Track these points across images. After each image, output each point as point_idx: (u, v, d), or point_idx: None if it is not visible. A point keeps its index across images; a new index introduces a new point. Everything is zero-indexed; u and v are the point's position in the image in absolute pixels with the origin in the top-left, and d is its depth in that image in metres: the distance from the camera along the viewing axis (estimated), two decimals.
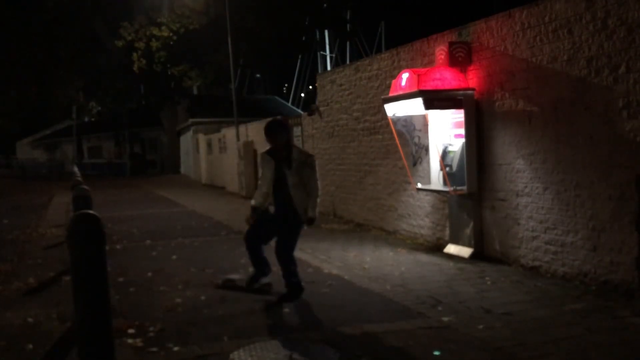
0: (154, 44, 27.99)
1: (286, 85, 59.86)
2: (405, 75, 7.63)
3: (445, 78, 7.31)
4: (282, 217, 5.87)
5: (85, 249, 3.48)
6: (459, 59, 7.42)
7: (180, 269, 7.45)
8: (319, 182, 5.90)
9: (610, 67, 5.52)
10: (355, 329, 4.81)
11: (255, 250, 6.05)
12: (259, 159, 6.09)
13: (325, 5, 28.93)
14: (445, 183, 7.61)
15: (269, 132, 5.83)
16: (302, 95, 55.76)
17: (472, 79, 7.42)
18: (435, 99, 7.24)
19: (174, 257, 8.29)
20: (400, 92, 7.68)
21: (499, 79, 7.00)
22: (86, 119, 53.16)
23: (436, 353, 4.22)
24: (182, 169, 33.79)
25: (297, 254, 8.13)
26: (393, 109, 8.11)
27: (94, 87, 39.37)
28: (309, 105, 13.86)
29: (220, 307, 5.61)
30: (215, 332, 4.82)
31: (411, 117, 8.25)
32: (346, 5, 30.85)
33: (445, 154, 7.77)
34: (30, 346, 4.63)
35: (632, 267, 5.38)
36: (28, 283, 6.89)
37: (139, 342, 4.63)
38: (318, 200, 5.86)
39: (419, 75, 7.28)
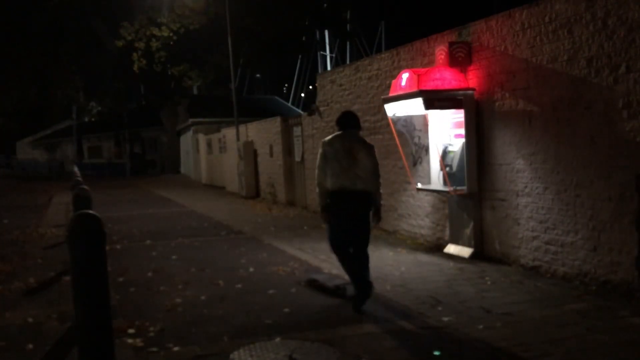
0: (154, 44, 27.97)
1: (286, 85, 59.89)
2: (405, 75, 7.63)
3: (445, 78, 7.31)
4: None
5: (85, 249, 3.48)
6: (459, 59, 7.42)
7: (180, 269, 7.45)
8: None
9: (610, 67, 5.52)
10: (355, 329, 4.81)
11: None
12: (375, 150, 5.73)
13: (325, 5, 28.93)
14: (445, 183, 7.60)
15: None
16: (302, 95, 55.77)
17: (472, 79, 7.41)
18: (435, 99, 7.24)
19: (174, 257, 8.29)
20: (400, 92, 7.68)
21: (499, 79, 7.00)
22: (86, 119, 53.19)
23: (436, 353, 4.22)
24: (182, 169, 33.80)
25: (297, 253, 8.19)
26: (393, 109, 8.11)
27: (94, 87, 39.42)
28: (309, 105, 13.86)
29: (220, 307, 5.61)
30: (215, 332, 4.81)
31: (411, 117, 8.25)
32: (346, 5, 30.84)
33: (445, 154, 7.77)
34: (30, 346, 4.62)
35: (632, 267, 5.38)
36: (28, 283, 6.89)
37: (139, 342, 4.63)
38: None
39: (419, 75, 7.28)
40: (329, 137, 5.68)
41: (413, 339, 4.56)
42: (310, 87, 51.74)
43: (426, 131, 8.19)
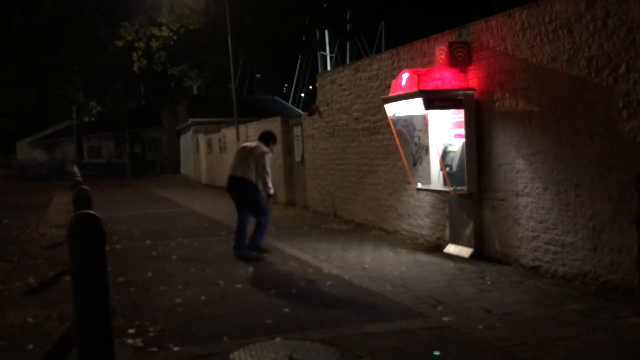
0: (154, 44, 27.99)
1: (286, 85, 59.98)
2: (405, 75, 7.63)
3: (445, 78, 7.31)
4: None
5: (85, 249, 3.47)
6: (459, 59, 7.42)
7: (180, 269, 7.45)
8: None
9: (610, 67, 5.52)
10: (355, 329, 4.81)
11: None
12: (267, 158, 8.05)
13: (325, 5, 28.96)
14: (445, 183, 7.60)
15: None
16: (302, 95, 55.82)
17: (472, 79, 7.41)
18: (435, 99, 7.24)
19: (174, 257, 8.29)
20: (400, 92, 7.68)
21: (499, 79, 7.00)
22: (86, 119, 53.20)
23: (436, 353, 4.22)
24: (182, 169, 33.78)
25: (297, 253, 8.19)
26: (393, 109, 8.11)
27: (94, 87, 39.45)
28: (309, 105, 13.86)
29: (220, 307, 5.61)
30: (215, 332, 4.81)
31: (411, 117, 8.25)
32: (346, 5, 30.88)
33: (445, 154, 7.77)
34: (30, 346, 4.63)
35: (632, 267, 5.38)
36: (28, 283, 6.89)
37: (139, 342, 4.63)
38: None
39: (419, 75, 7.28)
40: (244, 143, 8.55)
41: (413, 339, 4.55)
42: (310, 87, 51.79)
43: (426, 131, 8.18)
